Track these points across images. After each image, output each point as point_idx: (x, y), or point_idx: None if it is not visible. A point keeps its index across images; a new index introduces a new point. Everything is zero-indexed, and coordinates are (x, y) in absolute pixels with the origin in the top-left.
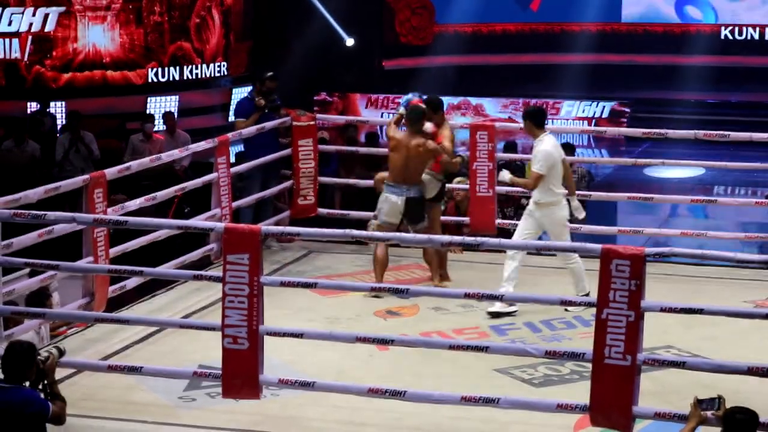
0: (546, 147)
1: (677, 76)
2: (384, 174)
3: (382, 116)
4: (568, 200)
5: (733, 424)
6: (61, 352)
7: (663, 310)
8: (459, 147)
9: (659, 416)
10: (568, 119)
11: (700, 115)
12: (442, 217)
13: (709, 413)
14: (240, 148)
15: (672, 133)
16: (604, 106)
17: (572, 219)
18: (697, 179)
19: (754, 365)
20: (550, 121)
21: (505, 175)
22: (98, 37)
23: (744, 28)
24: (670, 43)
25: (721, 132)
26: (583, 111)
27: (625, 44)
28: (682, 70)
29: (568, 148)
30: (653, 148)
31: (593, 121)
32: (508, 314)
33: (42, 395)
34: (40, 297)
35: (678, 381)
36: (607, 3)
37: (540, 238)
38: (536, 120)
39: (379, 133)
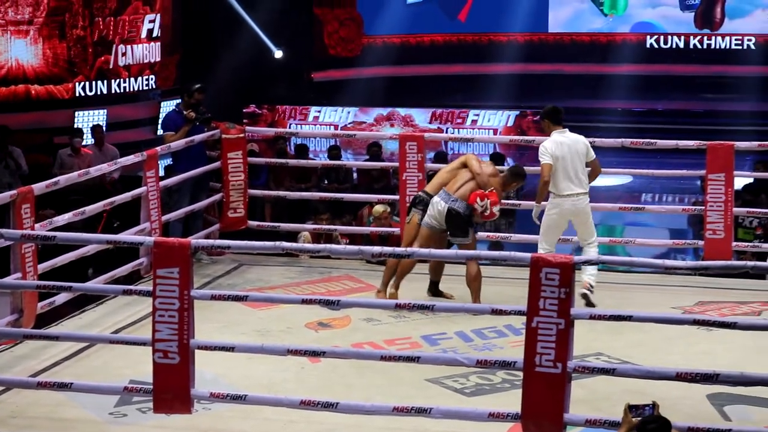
0: (547, 141)
1: (604, 85)
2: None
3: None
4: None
5: None
6: None
7: (592, 317)
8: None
9: (590, 423)
10: (473, 128)
11: (627, 123)
12: (374, 229)
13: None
14: (169, 161)
15: (599, 141)
16: (509, 115)
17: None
18: (625, 187)
19: (683, 371)
20: (456, 130)
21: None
22: (21, 51)
23: (669, 37)
24: (596, 53)
25: (648, 140)
26: (488, 120)
27: (552, 54)
28: (609, 79)
29: (498, 158)
30: None
31: (498, 130)
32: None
33: None
34: None
35: (608, 388)
36: (534, 13)
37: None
38: (551, 117)
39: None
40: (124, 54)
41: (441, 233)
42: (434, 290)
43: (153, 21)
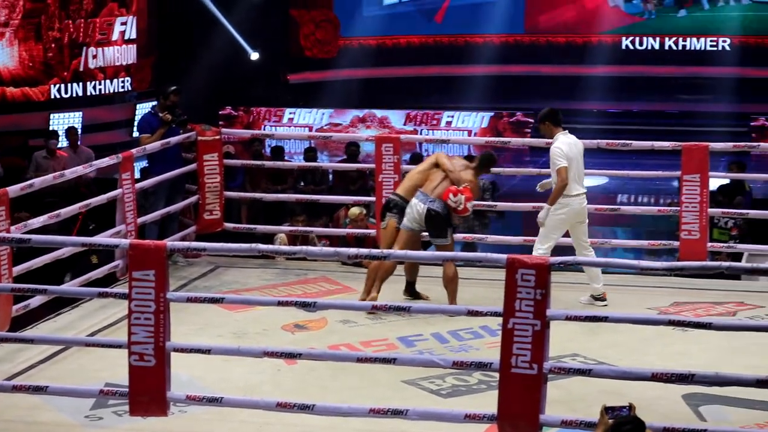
0: (559, 143)
1: (580, 86)
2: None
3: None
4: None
5: None
6: None
7: (568, 318)
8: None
9: (566, 424)
10: (448, 129)
11: (603, 124)
12: (350, 230)
13: None
14: (144, 163)
15: None
16: (483, 117)
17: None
18: (600, 188)
19: (658, 371)
20: (431, 132)
21: (542, 212)
22: None
23: (644, 38)
24: (572, 54)
25: (624, 141)
26: (463, 122)
27: (528, 55)
28: (585, 81)
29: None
30: None
31: (472, 132)
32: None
33: None
34: None
35: (584, 389)
36: (510, 15)
37: None
38: (553, 119)
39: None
40: (95, 56)
41: (420, 235)
42: (410, 291)
43: (128, 23)
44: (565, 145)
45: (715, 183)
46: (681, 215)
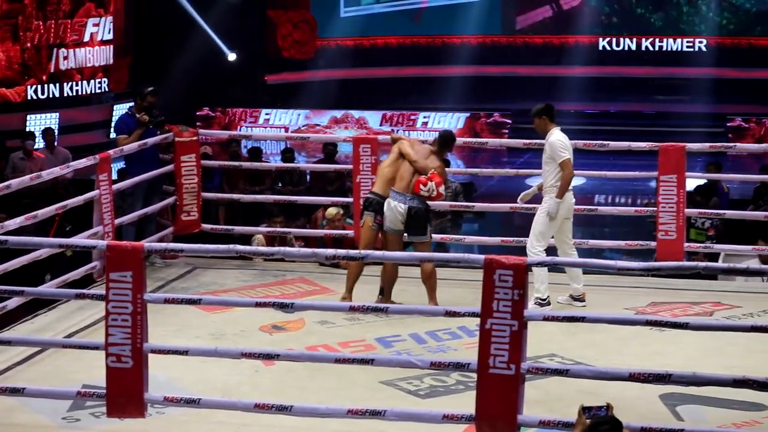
0: (559, 137)
1: (557, 86)
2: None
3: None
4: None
5: None
6: None
7: (546, 318)
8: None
9: (544, 424)
10: (424, 130)
11: (580, 125)
12: (329, 231)
13: None
14: (122, 164)
15: None
16: (459, 117)
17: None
18: (578, 188)
19: (635, 371)
20: (408, 133)
21: (552, 204)
22: None
23: (621, 39)
24: (549, 55)
25: (601, 141)
26: (439, 122)
27: (505, 56)
28: (562, 81)
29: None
30: (535, 159)
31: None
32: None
33: None
34: None
35: (561, 389)
36: (488, 16)
37: None
38: (550, 114)
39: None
40: (66, 58)
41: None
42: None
43: (103, 24)
44: (566, 140)
45: (691, 183)
46: (658, 215)
